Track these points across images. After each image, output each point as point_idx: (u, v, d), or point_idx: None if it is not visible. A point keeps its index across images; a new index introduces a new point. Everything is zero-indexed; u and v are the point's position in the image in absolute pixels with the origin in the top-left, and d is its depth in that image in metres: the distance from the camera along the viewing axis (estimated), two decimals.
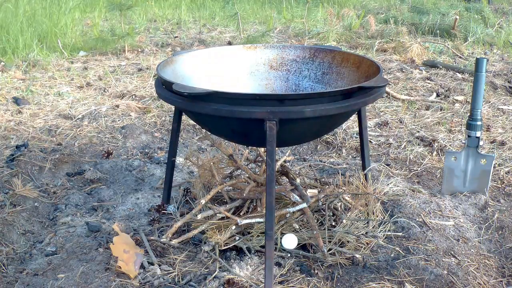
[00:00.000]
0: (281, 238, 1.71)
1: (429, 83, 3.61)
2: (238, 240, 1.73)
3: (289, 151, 2.54)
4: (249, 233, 1.78)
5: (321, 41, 4.79)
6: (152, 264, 1.67)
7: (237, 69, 2.00)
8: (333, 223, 1.84)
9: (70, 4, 5.72)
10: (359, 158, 2.49)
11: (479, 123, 2.07)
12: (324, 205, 1.89)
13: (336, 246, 1.75)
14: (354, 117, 2.31)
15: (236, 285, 1.55)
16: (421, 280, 1.60)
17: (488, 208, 2.03)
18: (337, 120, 1.71)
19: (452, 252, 1.73)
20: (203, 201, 1.78)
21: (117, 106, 3.13)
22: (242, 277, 1.60)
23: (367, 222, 1.87)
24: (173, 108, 2.27)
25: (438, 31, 4.97)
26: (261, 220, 1.72)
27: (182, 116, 1.91)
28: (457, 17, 4.94)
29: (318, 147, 2.69)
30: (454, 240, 1.81)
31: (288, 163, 2.35)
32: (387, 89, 3.34)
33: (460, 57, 4.27)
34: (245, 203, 1.87)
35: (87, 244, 1.80)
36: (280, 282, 1.59)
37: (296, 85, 2.00)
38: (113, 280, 1.59)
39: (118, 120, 2.95)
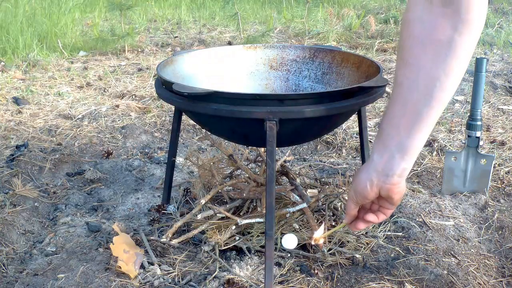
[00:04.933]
0: (281, 238, 1.71)
1: None
2: (238, 240, 1.73)
3: (289, 151, 2.54)
4: (249, 233, 1.78)
5: (321, 41, 4.79)
6: (152, 264, 1.67)
7: (237, 69, 2.00)
8: (333, 223, 1.84)
9: (70, 4, 5.73)
10: (359, 158, 2.49)
11: (479, 123, 2.07)
12: (324, 205, 1.89)
13: (336, 246, 1.75)
14: (354, 117, 2.30)
15: (236, 285, 1.55)
16: (421, 280, 1.60)
17: (488, 208, 2.03)
18: (337, 120, 1.71)
19: (452, 252, 1.73)
20: (203, 201, 1.78)
21: (117, 106, 3.13)
22: (242, 277, 1.60)
23: None
24: (173, 108, 2.28)
25: None
26: (261, 220, 1.72)
27: (182, 116, 1.91)
28: None
29: (318, 147, 2.69)
30: (454, 240, 1.81)
31: (288, 163, 2.35)
32: (387, 89, 3.34)
33: None
34: (245, 203, 1.87)
35: (87, 244, 1.80)
36: (280, 282, 1.59)
37: (296, 85, 2.00)
38: (113, 280, 1.59)
39: (118, 120, 2.95)
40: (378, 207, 1.11)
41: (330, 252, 1.72)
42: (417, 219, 1.91)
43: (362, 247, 1.77)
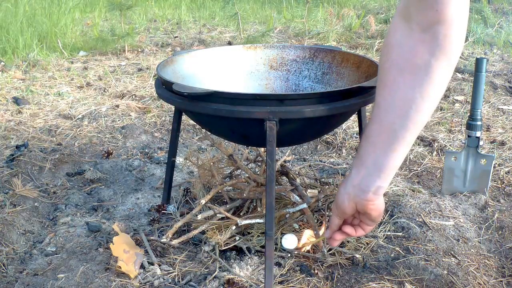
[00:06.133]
0: (281, 238, 1.71)
1: None
2: (238, 240, 1.73)
3: (289, 151, 2.54)
4: (249, 233, 1.78)
5: (321, 41, 4.79)
6: (152, 264, 1.67)
7: (237, 69, 2.00)
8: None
9: (70, 4, 5.73)
10: None
11: (479, 123, 2.07)
12: (324, 205, 1.89)
13: (336, 246, 1.75)
14: (354, 117, 2.30)
15: (236, 285, 1.55)
16: (421, 280, 1.60)
17: (488, 208, 2.03)
18: (337, 120, 1.71)
19: (452, 252, 1.73)
20: (203, 201, 1.78)
21: (117, 106, 3.14)
22: (242, 277, 1.60)
23: None
24: (173, 108, 2.28)
25: None
26: (261, 220, 1.72)
27: (182, 116, 1.91)
28: None
29: (318, 147, 2.69)
30: (454, 240, 1.81)
31: (288, 163, 2.35)
32: None
33: (460, 57, 4.27)
34: (245, 203, 1.87)
35: (87, 244, 1.80)
36: (280, 282, 1.59)
37: (296, 85, 2.00)
38: (113, 280, 1.59)
39: (118, 120, 2.95)
40: (359, 222, 1.14)
41: (330, 252, 1.72)
42: (417, 219, 1.91)
43: (362, 247, 1.77)
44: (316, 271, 1.65)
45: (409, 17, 0.92)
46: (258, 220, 1.72)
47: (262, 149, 2.00)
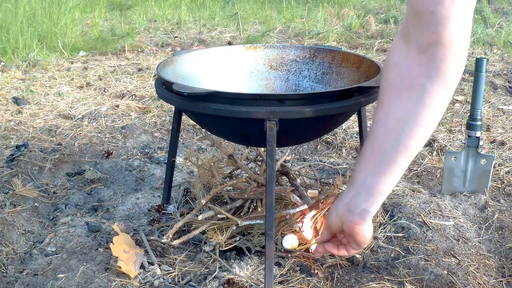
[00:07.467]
0: (281, 238, 1.71)
1: None
2: (239, 240, 1.73)
3: (289, 151, 2.54)
4: (249, 233, 1.78)
5: (321, 41, 4.79)
6: (152, 264, 1.67)
7: (237, 69, 2.00)
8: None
9: (70, 4, 5.73)
10: None
11: (479, 123, 2.07)
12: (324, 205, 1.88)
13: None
14: (354, 117, 2.30)
15: (236, 285, 1.55)
16: (421, 280, 1.60)
17: (488, 208, 2.03)
18: (337, 120, 1.70)
19: (452, 252, 1.73)
20: (203, 201, 1.78)
21: (117, 106, 3.14)
22: (242, 277, 1.60)
23: None
24: (173, 108, 2.28)
25: None
26: (262, 222, 1.72)
27: (182, 116, 1.91)
28: None
29: (318, 147, 2.69)
30: (454, 240, 1.81)
31: (288, 163, 2.35)
32: None
33: None
34: (245, 203, 1.87)
35: (87, 244, 1.80)
36: (280, 282, 1.59)
37: (296, 85, 2.00)
38: (113, 280, 1.59)
39: (118, 120, 2.95)
40: (347, 242, 1.11)
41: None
42: (417, 219, 1.91)
43: None
44: (316, 271, 1.65)
45: (407, 37, 0.89)
46: (258, 221, 1.72)
47: (262, 149, 2.00)
